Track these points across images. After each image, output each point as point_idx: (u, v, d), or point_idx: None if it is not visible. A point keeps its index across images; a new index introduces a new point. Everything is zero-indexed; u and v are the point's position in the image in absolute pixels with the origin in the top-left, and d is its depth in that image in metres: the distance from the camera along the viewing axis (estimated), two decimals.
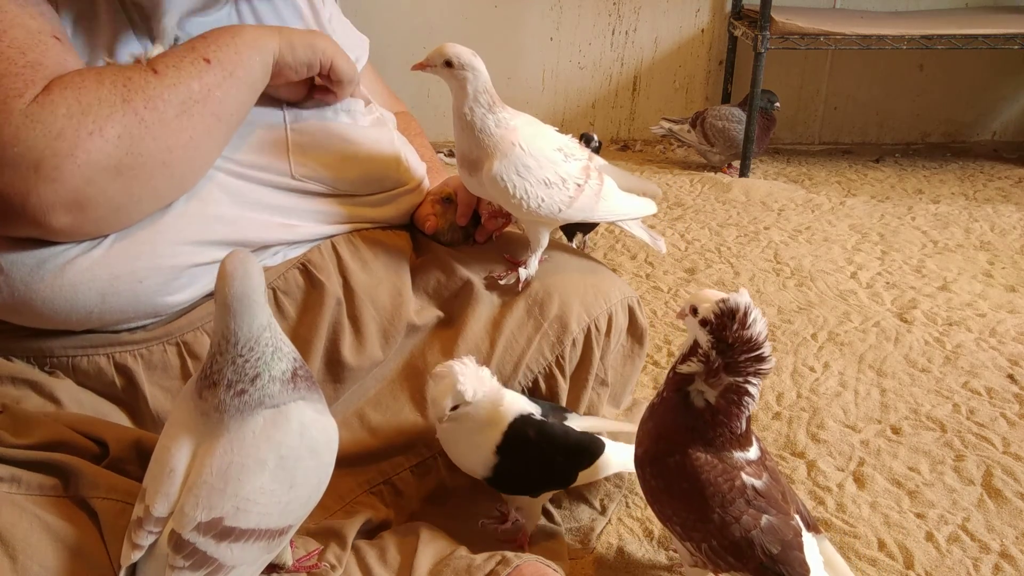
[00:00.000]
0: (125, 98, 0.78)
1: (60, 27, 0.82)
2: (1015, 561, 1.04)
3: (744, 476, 0.78)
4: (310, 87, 0.97)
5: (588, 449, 0.97)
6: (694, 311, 0.77)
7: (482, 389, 0.89)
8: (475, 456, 0.92)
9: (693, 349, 0.78)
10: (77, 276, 0.81)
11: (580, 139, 1.60)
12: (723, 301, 0.74)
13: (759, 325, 0.74)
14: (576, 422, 0.99)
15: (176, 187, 0.85)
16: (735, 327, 0.74)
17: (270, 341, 0.69)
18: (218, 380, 0.69)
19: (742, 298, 0.74)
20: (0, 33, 0.76)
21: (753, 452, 0.80)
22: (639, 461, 0.84)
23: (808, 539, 0.80)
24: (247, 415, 0.69)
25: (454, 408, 0.88)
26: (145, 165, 0.80)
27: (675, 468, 0.79)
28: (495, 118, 0.95)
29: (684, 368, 0.78)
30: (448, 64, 0.93)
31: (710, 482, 0.77)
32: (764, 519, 0.77)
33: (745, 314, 0.73)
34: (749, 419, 0.79)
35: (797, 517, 0.80)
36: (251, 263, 0.67)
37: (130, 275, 0.83)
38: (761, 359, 0.75)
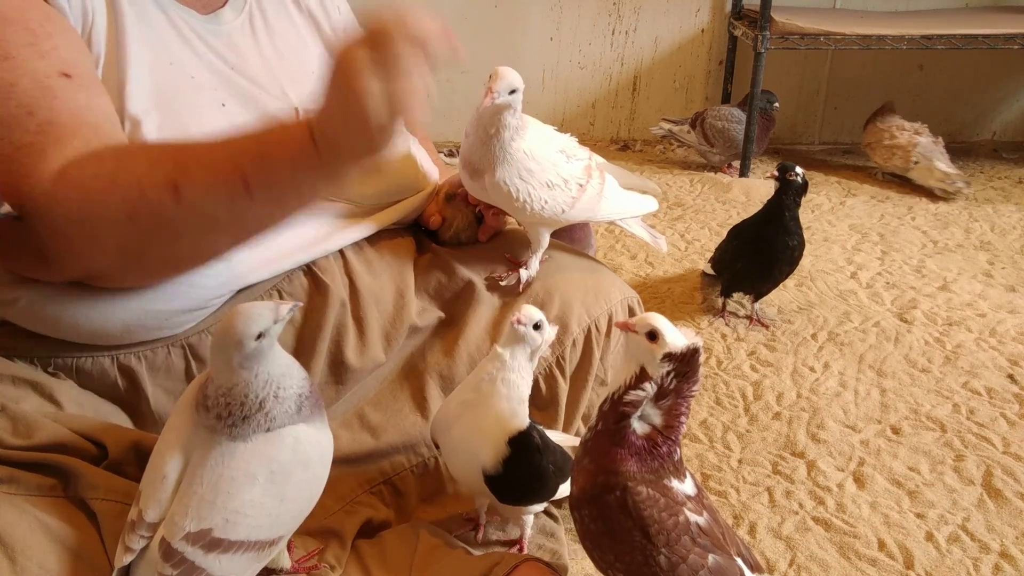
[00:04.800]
0: (132, 214, 0.72)
1: (72, 53, 0.79)
2: (1015, 561, 1.04)
3: (687, 512, 0.74)
4: None
5: (569, 463, 0.96)
6: (651, 337, 0.73)
7: (534, 360, 0.91)
8: (479, 445, 0.90)
9: (640, 377, 0.74)
10: (109, 306, 0.82)
11: (778, 170, 1.52)
12: (694, 344, 0.73)
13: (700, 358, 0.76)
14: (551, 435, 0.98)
15: (196, 268, 0.83)
16: (694, 361, 0.74)
17: (258, 394, 0.69)
18: (210, 407, 0.70)
19: (699, 343, 0.74)
20: (8, 88, 0.73)
21: (690, 486, 0.77)
22: (575, 502, 0.78)
23: None
24: (240, 438, 0.70)
25: (537, 327, 0.88)
26: (153, 264, 0.79)
27: (616, 507, 0.74)
28: (518, 135, 0.96)
29: (630, 397, 0.74)
30: (514, 91, 0.92)
31: (654, 519, 0.72)
32: (711, 559, 0.74)
33: (700, 352, 0.74)
34: (680, 444, 0.78)
35: (739, 559, 0.76)
36: (236, 333, 0.67)
37: (160, 312, 0.84)
38: (697, 380, 0.76)
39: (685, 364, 0.73)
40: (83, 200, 0.72)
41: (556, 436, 1.00)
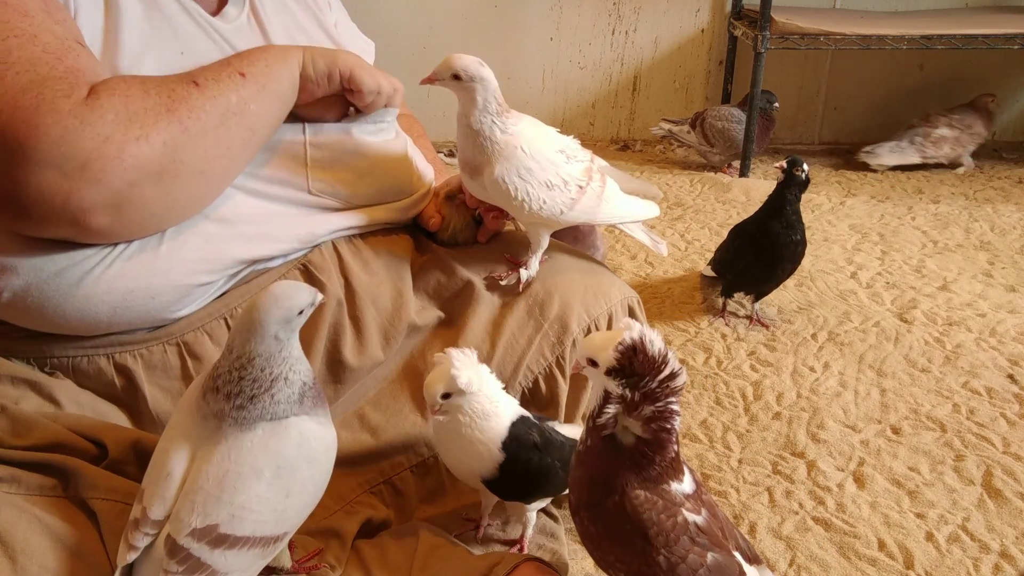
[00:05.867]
0: (169, 107, 0.80)
1: (79, 32, 0.83)
2: (1015, 561, 1.04)
3: (685, 512, 0.74)
4: (342, 111, 0.97)
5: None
6: (592, 363, 0.73)
7: (479, 383, 0.87)
8: (472, 458, 0.90)
9: (605, 398, 0.74)
10: (92, 288, 0.81)
11: (787, 164, 1.51)
12: (620, 344, 0.71)
13: (658, 344, 0.71)
14: (562, 429, 0.98)
15: (209, 194, 0.87)
16: (639, 358, 0.71)
17: (274, 370, 0.70)
18: (220, 387, 0.70)
19: (633, 331, 0.71)
20: (32, 37, 0.76)
21: (688, 484, 0.76)
22: (574, 508, 0.79)
23: (752, 573, 0.77)
24: (245, 427, 0.70)
25: (446, 396, 0.86)
26: (185, 173, 0.81)
27: (614, 510, 0.74)
28: (502, 124, 0.95)
29: (601, 419, 0.74)
30: (456, 77, 0.93)
31: (652, 521, 0.73)
32: (710, 557, 0.74)
33: (643, 342, 0.71)
34: (678, 442, 0.75)
35: (737, 553, 0.76)
36: (286, 301, 0.69)
37: (145, 290, 0.84)
38: (672, 376, 0.72)
39: (629, 367, 0.70)
40: (128, 101, 0.78)
41: (572, 431, 1.00)
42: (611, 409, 0.73)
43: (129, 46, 0.86)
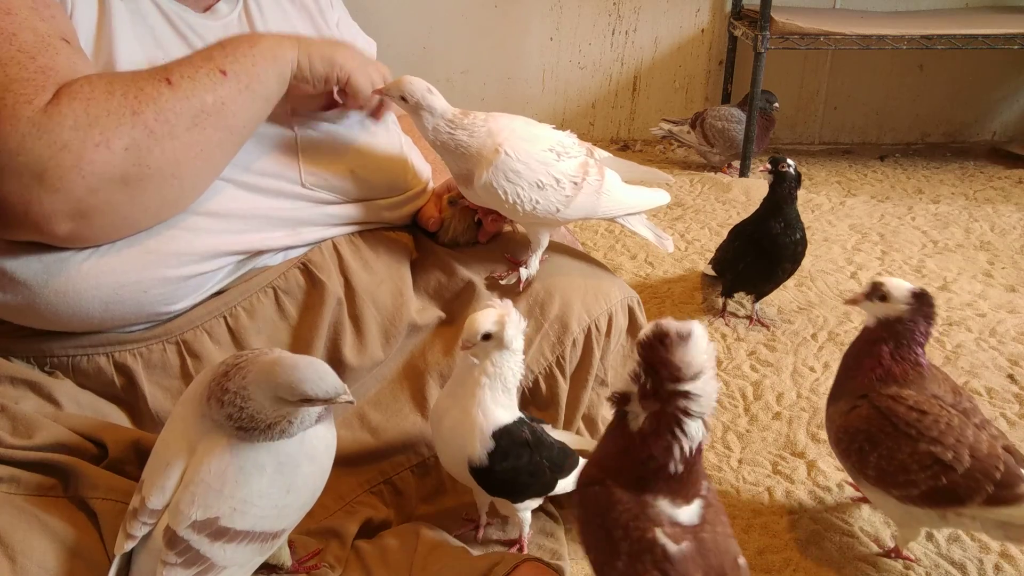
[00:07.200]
0: (135, 110, 0.77)
1: (70, 29, 0.82)
2: (1015, 561, 1.04)
3: (658, 532, 0.70)
4: (326, 102, 0.97)
5: (569, 459, 0.97)
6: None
7: (518, 346, 0.88)
8: (466, 434, 0.90)
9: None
10: (82, 283, 0.81)
11: (771, 163, 1.52)
12: (657, 328, 0.70)
13: (689, 357, 0.69)
14: (555, 434, 0.98)
15: (185, 197, 0.85)
16: (655, 352, 0.69)
17: (268, 416, 0.70)
18: (225, 403, 0.70)
19: (684, 329, 0.69)
20: (10, 36, 0.75)
21: (687, 514, 0.72)
22: (580, 482, 0.80)
23: None
24: (245, 441, 0.71)
25: (486, 337, 0.86)
26: (152, 177, 0.79)
27: (592, 499, 0.74)
28: (465, 131, 0.95)
29: (620, 385, 0.73)
30: (403, 99, 0.93)
31: (619, 524, 0.70)
32: None
33: (672, 340, 0.69)
34: (692, 468, 0.71)
35: None
36: (297, 376, 0.68)
37: (135, 285, 0.83)
38: (686, 396, 0.68)
39: (645, 350, 0.69)
40: (88, 106, 0.75)
41: (564, 436, 1.00)
42: (627, 383, 0.72)
43: (121, 50, 0.85)
